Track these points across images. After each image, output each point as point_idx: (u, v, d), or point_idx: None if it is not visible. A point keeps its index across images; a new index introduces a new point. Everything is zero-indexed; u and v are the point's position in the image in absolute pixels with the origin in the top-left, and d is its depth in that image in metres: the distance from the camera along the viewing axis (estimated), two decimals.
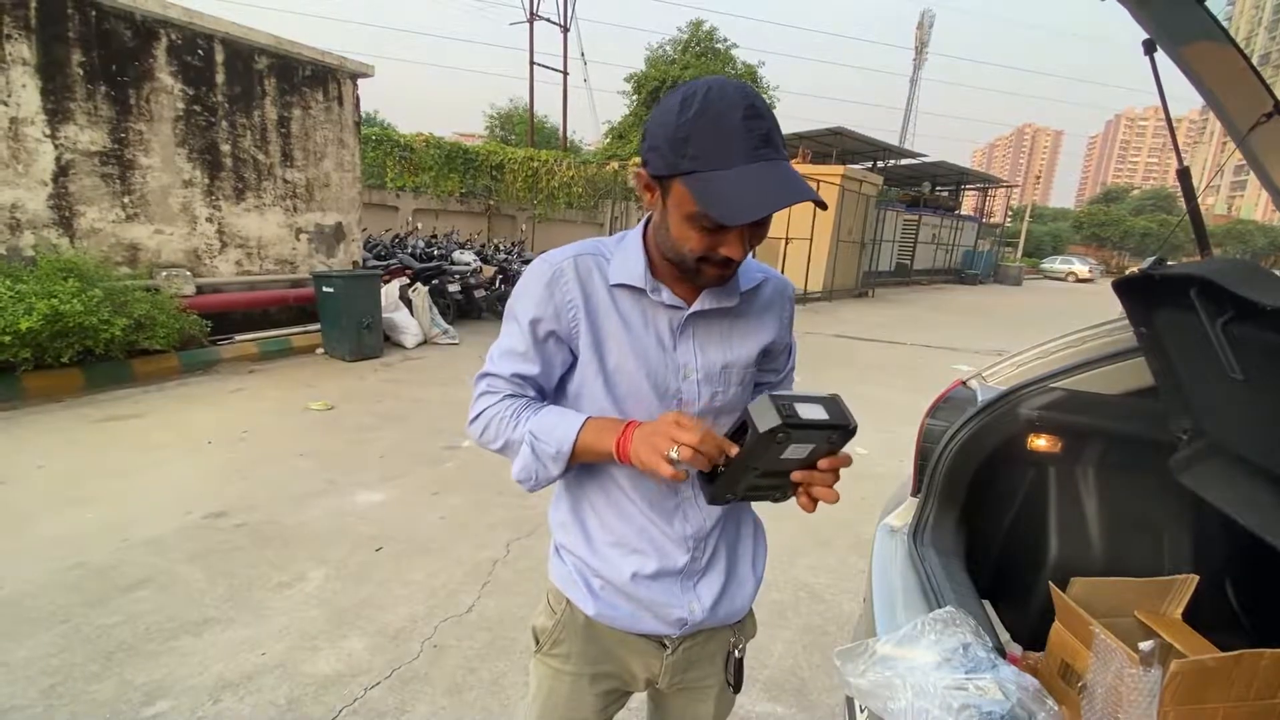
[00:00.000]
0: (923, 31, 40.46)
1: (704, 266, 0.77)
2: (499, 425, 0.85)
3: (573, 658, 0.93)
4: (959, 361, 7.62)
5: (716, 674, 0.97)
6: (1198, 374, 1.26)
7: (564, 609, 0.93)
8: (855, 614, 2.39)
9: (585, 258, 0.85)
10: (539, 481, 0.84)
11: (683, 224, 0.74)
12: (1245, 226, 47.89)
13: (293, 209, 6.79)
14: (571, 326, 0.84)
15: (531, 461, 0.82)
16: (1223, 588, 1.54)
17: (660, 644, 0.92)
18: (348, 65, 7.02)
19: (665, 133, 0.71)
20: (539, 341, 0.85)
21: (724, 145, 0.68)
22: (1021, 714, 0.89)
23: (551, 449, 0.80)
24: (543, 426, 0.81)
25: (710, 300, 0.84)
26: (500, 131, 29.59)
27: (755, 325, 0.90)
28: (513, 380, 0.87)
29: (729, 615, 0.93)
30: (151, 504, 3.03)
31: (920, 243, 22.04)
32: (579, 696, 0.94)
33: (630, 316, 0.84)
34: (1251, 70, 1.22)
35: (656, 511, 0.88)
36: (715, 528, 0.90)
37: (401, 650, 2.10)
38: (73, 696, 1.83)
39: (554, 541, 0.98)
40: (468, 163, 12.75)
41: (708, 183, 0.69)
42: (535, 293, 0.84)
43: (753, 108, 0.69)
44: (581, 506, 0.92)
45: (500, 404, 0.86)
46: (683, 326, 0.85)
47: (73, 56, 5.01)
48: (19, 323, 4.13)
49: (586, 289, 0.84)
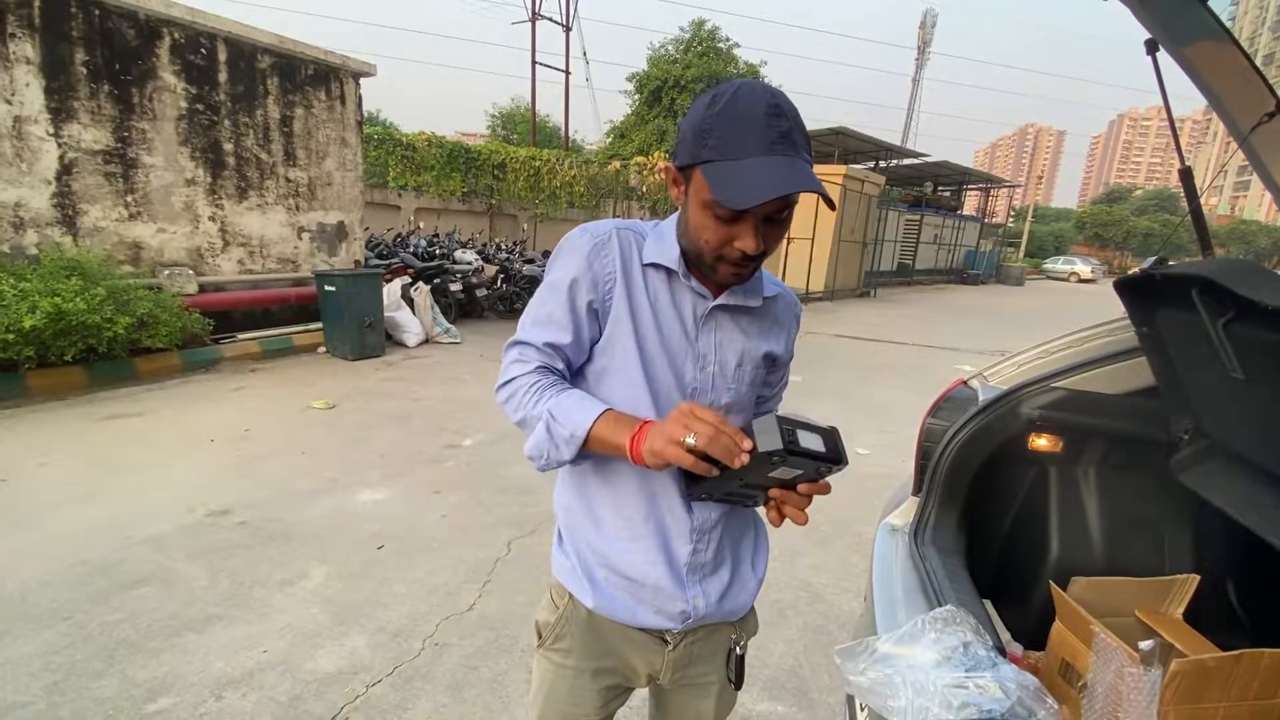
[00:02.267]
0: (925, 31, 40.40)
1: (720, 264, 0.80)
2: (522, 398, 0.84)
3: (574, 653, 0.94)
4: (961, 362, 7.61)
5: (718, 670, 0.97)
6: (1199, 374, 1.26)
7: (566, 604, 0.94)
8: (855, 613, 2.39)
9: (626, 232, 0.86)
10: (549, 461, 0.83)
11: (700, 213, 0.77)
12: (1248, 227, 47.79)
13: (295, 208, 6.80)
14: (606, 298, 0.84)
15: (545, 441, 0.81)
16: (1224, 588, 1.54)
17: (662, 639, 0.93)
18: (350, 64, 7.03)
19: (693, 125, 0.75)
20: (574, 309, 0.85)
21: (742, 137, 0.71)
22: (1021, 712, 0.89)
23: (566, 432, 0.79)
24: (562, 409, 0.81)
25: (736, 297, 0.87)
26: (502, 131, 29.59)
27: (769, 331, 0.93)
28: (545, 350, 0.86)
29: (730, 611, 0.94)
30: (154, 502, 3.04)
31: (922, 243, 22.01)
32: (580, 692, 0.95)
33: (659, 298, 0.86)
34: (1254, 70, 1.22)
35: (662, 502, 0.88)
36: (719, 522, 0.91)
37: (403, 648, 2.11)
38: (76, 693, 1.83)
39: (557, 530, 0.98)
40: (470, 162, 12.75)
41: (721, 170, 0.72)
42: (576, 260, 0.84)
43: (776, 107, 0.72)
44: (588, 492, 0.92)
45: (528, 376, 0.85)
46: (706, 318, 0.86)
47: (76, 55, 5.02)
48: (23, 321, 4.14)
49: (626, 262, 0.85)
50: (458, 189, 12.67)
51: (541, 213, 13.99)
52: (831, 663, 2.02)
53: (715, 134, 0.73)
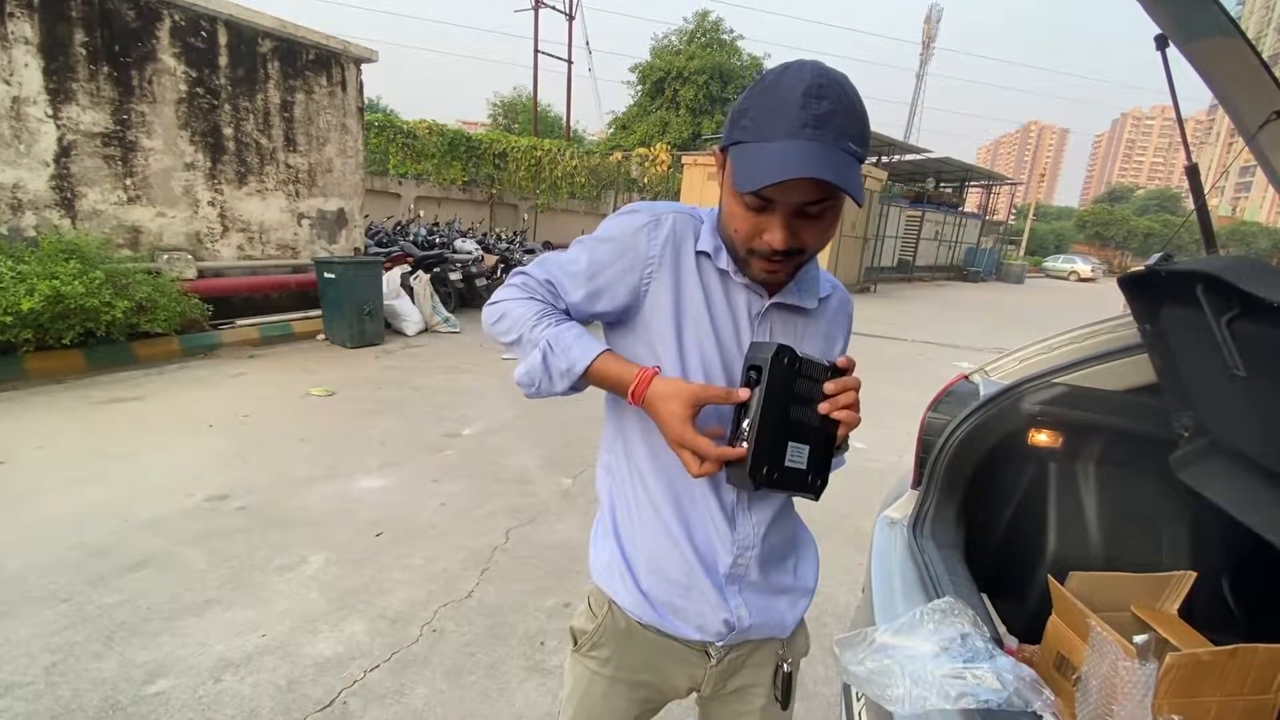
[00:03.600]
0: (930, 26, 40.19)
1: (753, 259, 0.75)
2: (518, 318, 0.81)
3: (611, 662, 0.91)
4: (960, 359, 7.61)
5: (764, 686, 0.93)
6: (1201, 371, 1.26)
7: (605, 613, 0.91)
8: (852, 606, 2.40)
9: (684, 218, 0.81)
10: (540, 391, 0.81)
11: (730, 199, 0.74)
12: (1249, 228, 47.76)
13: (295, 194, 6.77)
14: (645, 282, 0.80)
15: (539, 370, 0.79)
16: (1219, 584, 1.55)
17: (704, 652, 0.89)
18: (351, 50, 6.98)
19: (737, 105, 0.72)
20: (596, 275, 0.81)
21: (774, 118, 0.67)
22: (1018, 702, 0.90)
23: (563, 365, 0.77)
24: (561, 340, 0.78)
25: (792, 297, 0.83)
26: (504, 120, 29.47)
27: (824, 335, 0.89)
28: (547, 286, 0.84)
29: (775, 627, 0.90)
30: (152, 486, 3.04)
31: (923, 239, 21.96)
32: (615, 700, 0.92)
33: (712, 290, 0.81)
34: (1263, 67, 1.21)
35: (720, 511, 0.85)
36: (765, 535, 0.87)
37: (401, 634, 2.12)
38: (75, 674, 1.84)
39: (596, 530, 0.95)
40: (471, 151, 12.70)
41: (746, 151, 0.69)
42: (622, 230, 0.81)
43: (819, 88, 0.66)
44: (644, 497, 0.87)
45: (528, 303, 0.82)
46: (762, 316, 0.83)
47: (75, 36, 4.97)
48: (21, 303, 4.13)
49: (679, 250, 0.80)
50: (458, 178, 12.63)
51: (542, 203, 13.95)
52: (828, 654, 2.03)
53: (750, 114, 0.69)
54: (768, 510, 0.87)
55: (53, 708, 1.72)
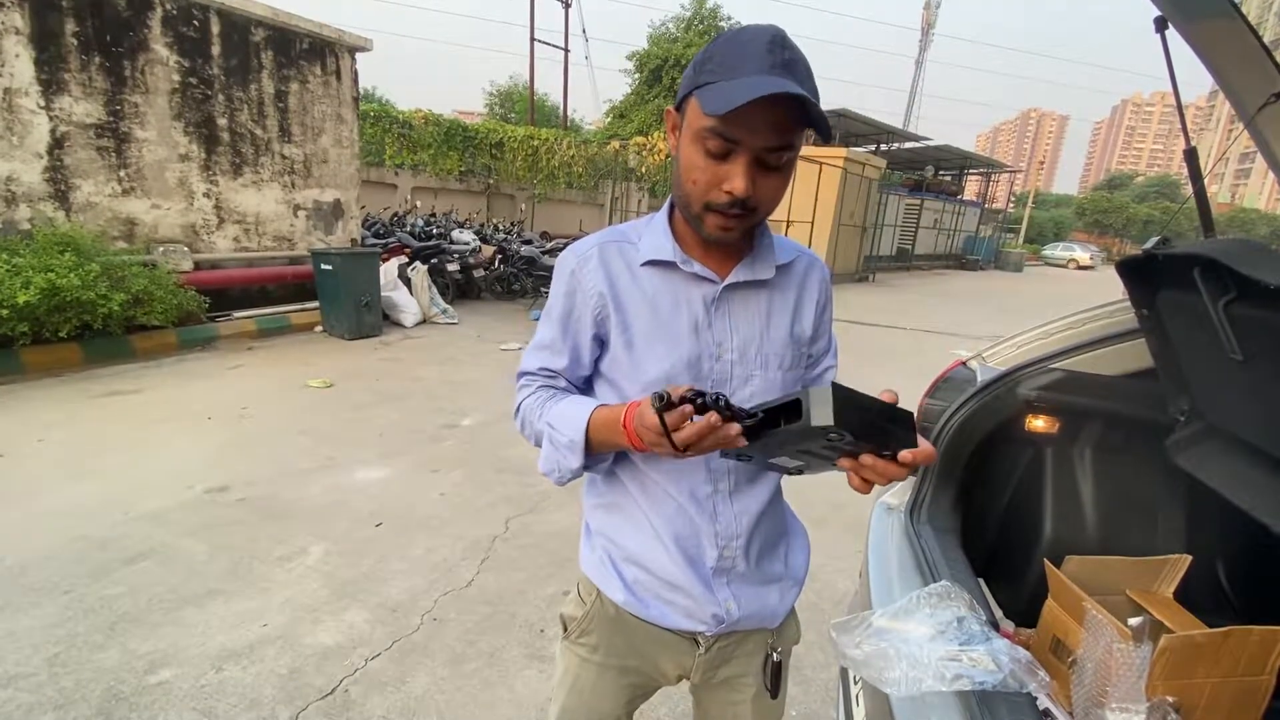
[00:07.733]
0: (929, 12, 39.86)
1: (708, 214, 0.75)
2: (528, 415, 0.87)
3: (600, 649, 0.92)
4: (957, 346, 7.62)
5: (754, 676, 0.94)
6: (1198, 355, 1.26)
7: (594, 600, 0.92)
8: (849, 592, 2.42)
9: (609, 245, 0.84)
10: (562, 472, 0.82)
11: (690, 148, 0.73)
12: (1248, 215, 47.72)
13: (290, 185, 6.72)
14: (599, 316, 0.83)
15: (551, 452, 0.81)
16: (1214, 568, 1.56)
17: (693, 641, 0.90)
18: (346, 39, 6.91)
19: (694, 62, 0.73)
20: (568, 334, 0.86)
21: (740, 61, 0.68)
22: (1014, 684, 0.90)
23: (566, 438, 0.79)
24: (559, 416, 0.81)
25: (745, 272, 0.82)
26: (500, 109, 29.23)
27: (791, 304, 0.87)
28: (541, 374, 0.88)
29: (765, 618, 0.91)
30: (152, 478, 3.04)
31: (922, 227, 21.92)
32: (605, 686, 0.93)
33: (660, 300, 0.82)
34: (1263, 49, 1.21)
35: (692, 504, 0.85)
36: (751, 526, 0.87)
37: (402, 623, 2.13)
38: (77, 665, 1.85)
39: (586, 525, 0.97)
40: (467, 141, 12.61)
41: (714, 88, 0.69)
42: (562, 284, 0.85)
43: (781, 39, 0.69)
44: (618, 493, 0.90)
45: (533, 397, 0.87)
46: (717, 302, 0.82)
47: (67, 26, 4.92)
48: (16, 296, 4.11)
49: (612, 276, 0.82)
50: (455, 168, 12.54)
51: (540, 193, 13.87)
52: (825, 641, 2.04)
53: (714, 59, 0.70)
54: (752, 500, 0.87)
55: (55, 698, 1.73)
